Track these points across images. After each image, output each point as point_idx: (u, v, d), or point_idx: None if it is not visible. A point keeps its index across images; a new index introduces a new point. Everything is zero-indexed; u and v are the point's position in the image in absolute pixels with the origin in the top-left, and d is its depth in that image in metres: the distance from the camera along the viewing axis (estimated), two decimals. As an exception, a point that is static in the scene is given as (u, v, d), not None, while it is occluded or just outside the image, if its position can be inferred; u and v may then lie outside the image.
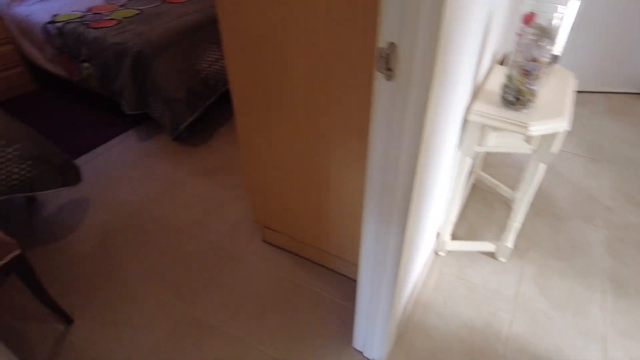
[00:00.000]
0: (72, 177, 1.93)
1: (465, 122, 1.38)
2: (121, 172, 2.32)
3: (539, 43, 1.20)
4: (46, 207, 2.10)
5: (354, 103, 1.17)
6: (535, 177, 1.47)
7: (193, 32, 2.53)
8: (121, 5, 2.90)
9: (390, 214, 1.03)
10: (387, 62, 0.78)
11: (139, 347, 1.49)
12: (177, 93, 2.37)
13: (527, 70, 1.25)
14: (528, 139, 1.43)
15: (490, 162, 2.34)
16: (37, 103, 3.01)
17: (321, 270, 1.75)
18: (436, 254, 1.81)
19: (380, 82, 0.81)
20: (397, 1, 0.71)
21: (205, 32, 2.59)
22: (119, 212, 2.05)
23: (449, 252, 1.82)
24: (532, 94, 1.29)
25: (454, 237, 1.88)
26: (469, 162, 1.47)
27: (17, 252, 1.29)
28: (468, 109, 1.35)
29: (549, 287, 1.67)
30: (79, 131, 2.67)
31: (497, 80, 1.49)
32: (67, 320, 1.56)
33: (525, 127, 1.27)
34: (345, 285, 1.69)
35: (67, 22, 2.65)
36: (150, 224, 1.99)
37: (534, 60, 1.23)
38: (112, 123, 2.73)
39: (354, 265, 1.65)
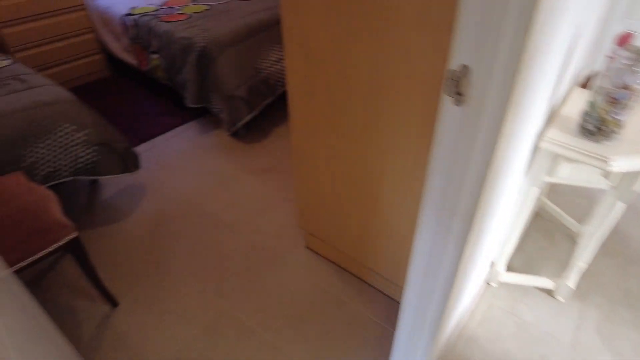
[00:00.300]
0: (131, 164, 2.00)
1: (536, 148, 1.27)
2: (178, 163, 2.39)
3: (633, 68, 1.06)
4: (106, 190, 2.20)
5: (415, 122, 1.10)
6: (610, 214, 1.32)
7: (258, 31, 2.55)
8: (193, 0, 2.99)
9: (445, 240, 0.95)
10: (458, 86, 0.71)
11: (175, 339, 1.52)
12: (237, 90, 2.40)
13: (615, 98, 1.12)
14: (606, 174, 1.29)
15: (556, 189, 2.16)
16: (109, 89, 3.19)
17: (363, 287, 1.69)
18: (487, 284, 1.70)
19: (447, 106, 0.75)
20: (476, 21, 0.65)
21: (270, 31, 2.60)
22: (171, 202, 2.11)
23: (502, 284, 1.69)
24: (618, 124, 1.15)
25: (509, 268, 1.75)
26: (535, 191, 1.36)
27: (73, 234, 1.35)
28: (541, 135, 1.24)
29: (613, 337, 1.50)
30: (144, 119, 2.78)
31: (577, 105, 1.35)
32: (113, 302, 1.62)
33: (605, 162, 1.14)
34: (387, 305, 1.63)
35: (143, 14, 2.77)
36: (200, 217, 2.03)
37: (625, 87, 1.09)
38: (174, 114, 2.82)
39: (399, 286, 1.57)
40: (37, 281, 1.73)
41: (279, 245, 1.87)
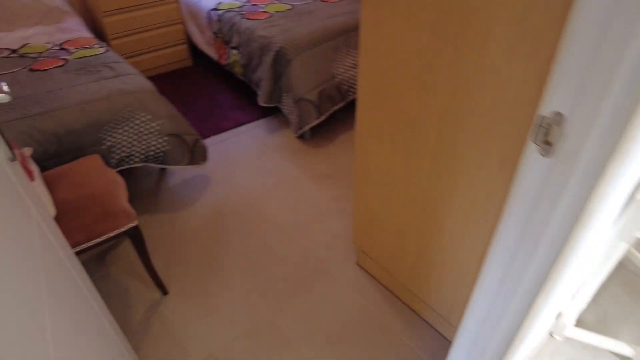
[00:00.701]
0: (199, 157, 2.07)
1: (631, 199, 1.11)
2: (242, 159, 2.43)
3: None
4: (173, 177, 2.30)
5: (495, 157, 1.00)
6: None
7: (337, 35, 2.52)
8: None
9: (513, 291, 0.86)
10: (547, 135, 0.61)
11: (216, 337, 1.54)
12: (309, 94, 2.39)
13: None
14: None
15: (648, 239, 1.91)
16: (189, 78, 3.33)
17: (412, 317, 1.60)
18: (551, 335, 1.53)
19: (532, 154, 0.66)
20: (580, 63, 0.55)
21: (349, 36, 2.56)
22: (231, 198, 2.15)
23: (568, 339, 1.52)
24: None
25: (579, 322, 1.57)
26: (623, 246, 1.19)
27: (134, 223, 1.41)
28: (639, 187, 1.08)
29: None
30: (217, 111, 2.87)
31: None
32: (163, 290, 1.67)
33: None
34: (435, 342, 1.52)
35: (227, 10, 2.85)
36: (257, 216, 2.04)
37: None
38: (246, 109, 2.88)
39: (452, 325, 1.47)
40: (98, 258, 1.84)
41: (329, 257, 1.83)
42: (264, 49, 2.48)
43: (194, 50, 3.53)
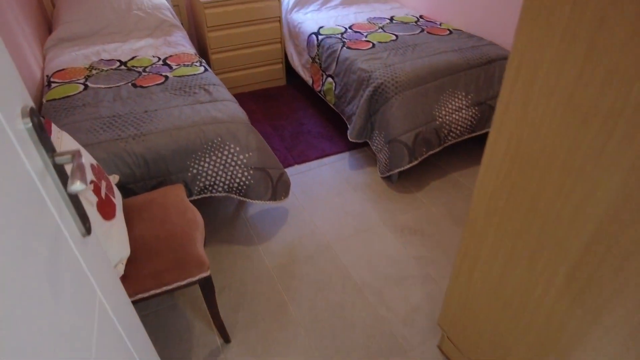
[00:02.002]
0: (281, 192, 1.96)
1: None
2: (323, 195, 2.29)
3: None
4: (252, 206, 2.22)
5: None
6: None
7: (443, 74, 2.30)
8: (380, 27, 2.87)
9: None
10: None
11: (272, 407, 1.39)
12: (403, 135, 2.19)
13: None
14: None
15: None
16: (282, 98, 3.30)
17: None
18: None
19: None
20: None
21: (456, 76, 2.32)
22: (307, 239, 2.02)
23: None
24: None
25: None
26: None
27: (206, 273, 1.31)
28: None
29: None
30: (303, 137, 2.78)
31: None
32: (226, 338, 1.57)
33: None
34: None
35: (328, 36, 2.75)
36: (331, 266, 1.89)
37: None
38: (333, 139, 2.75)
39: None
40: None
41: (408, 334, 1.61)
42: (362, 83, 2.33)
43: (289, 69, 3.50)
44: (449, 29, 2.81)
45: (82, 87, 2.09)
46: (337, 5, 3.30)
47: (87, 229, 0.70)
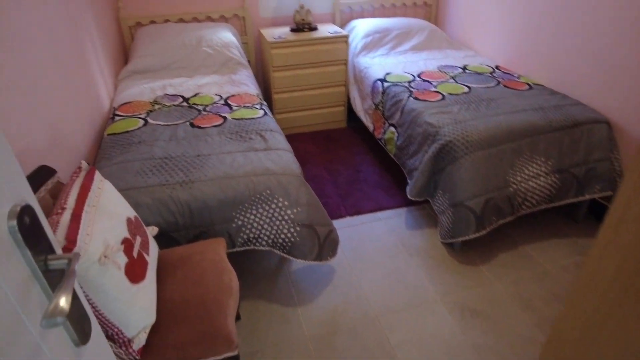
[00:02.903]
0: (328, 252, 1.80)
1: None
2: (374, 256, 2.10)
3: None
4: (296, 261, 2.07)
5: None
6: None
7: (521, 135, 2.06)
8: (452, 77, 2.69)
9: None
10: None
11: None
12: (471, 200, 1.96)
13: None
14: None
15: None
16: (340, 140, 3.18)
17: None
18: None
19: None
20: None
21: (536, 139, 2.07)
22: (352, 307, 1.82)
23: None
24: None
25: None
26: None
27: (234, 352, 1.16)
28: None
29: None
30: (359, 185, 2.62)
31: None
32: (250, 418, 1.40)
33: None
34: None
35: (395, 83, 2.62)
36: (377, 343, 1.67)
37: None
38: (391, 191, 2.57)
39: None
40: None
41: None
42: (427, 137, 2.14)
43: (350, 111, 3.38)
44: (528, 84, 2.57)
45: (142, 122, 2.09)
46: (407, 50, 3.18)
47: (83, 337, 0.58)
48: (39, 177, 1.18)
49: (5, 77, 1.30)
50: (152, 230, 1.37)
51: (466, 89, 2.49)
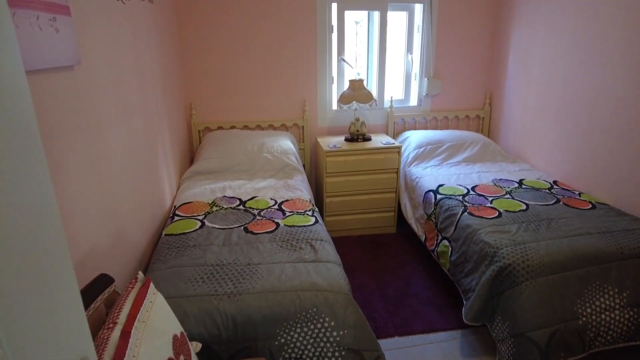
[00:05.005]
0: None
1: None
2: (425, 386, 1.90)
3: None
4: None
5: None
6: None
7: (588, 262, 1.91)
8: (508, 192, 2.63)
9: None
10: None
11: None
12: (535, 332, 1.78)
13: None
14: None
15: None
16: (390, 247, 3.11)
17: None
18: None
19: None
20: None
21: (606, 267, 1.91)
22: None
23: None
24: None
25: None
26: None
27: None
28: None
29: None
30: (409, 301, 2.48)
31: None
32: None
33: None
34: None
35: (448, 196, 2.59)
36: None
37: None
38: (444, 310, 2.40)
39: None
40: None
41: None
42: (485, 258, 2.04)
43: (400, 216, 3.34)
44: (591, 202, 2.45)
45: (199, 224, 2.18)
46: (460, 162, 3.20)
47: None
48: (97, 286, 1.22)
49: (82, 184, 1.42)
50: (195, 347, 1.34)
51: (524, 206, 2.41)
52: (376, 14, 3.36)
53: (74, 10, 1.36)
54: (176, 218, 2.26)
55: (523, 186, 2.74)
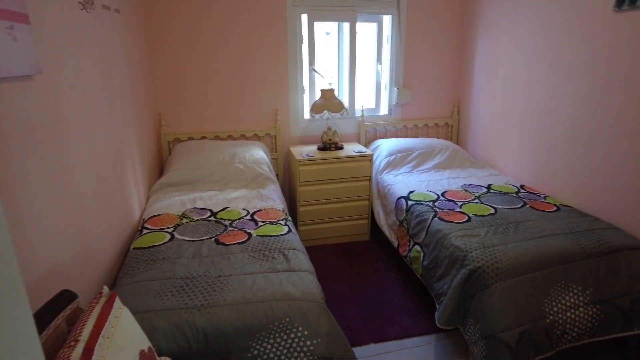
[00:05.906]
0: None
1: None
2: (400, 392, 1.91)
3: None
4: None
5: None
6: None
7: (553, 262, 1.97)
8: (477, 197, 2.69)
9: None
10: None
11: None
12: (505, 333, 1.82)
13: None
14: None
15: None
16: (363, 254, 3.12)
17: None
18: None
19: None
20: None
21: (570, 266, 1.98)
22: None
23: None
24: None
25: None
26: None
27: None
28: None
29: None
30: (383, 307, 2.49)
31: None
32: None
33: None
34: None
35: (419, 202, 2.64)
36: None
37: None
38: (418, 315, 2.42)
39: None
40: None
41: None
42: (455, 262, 2.08)
43: (374, 224, 3.37)
44: (555, 205, 2.54)
45: (168, 236, 2.13)
46: (430, 169, 3.26)
47: None
48: (59, 303, 1.18)
49: (43, 199, 1.37)
50: (164, 362, 1.30)
51: (492, 210, 2.47)
52: (346, 25, 3.41)
53: (33, 19, 1.32)
54: (145, 231, 2.21)
55: (491, 191, 2.81)
